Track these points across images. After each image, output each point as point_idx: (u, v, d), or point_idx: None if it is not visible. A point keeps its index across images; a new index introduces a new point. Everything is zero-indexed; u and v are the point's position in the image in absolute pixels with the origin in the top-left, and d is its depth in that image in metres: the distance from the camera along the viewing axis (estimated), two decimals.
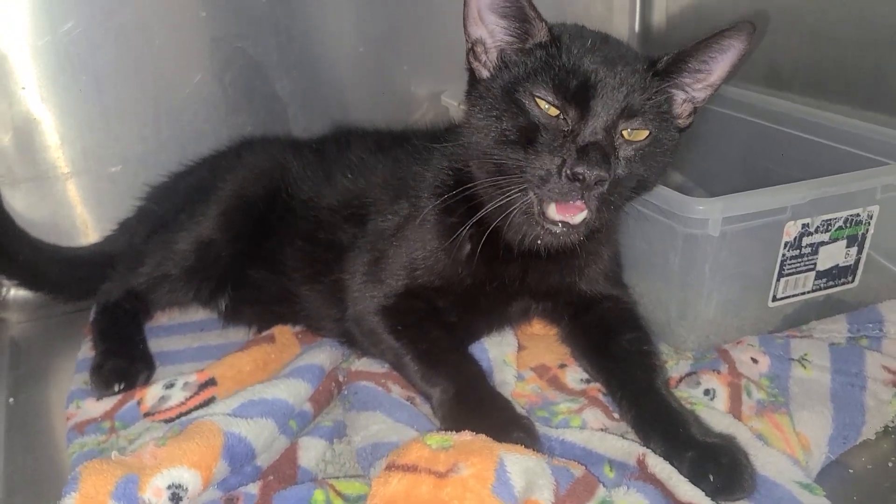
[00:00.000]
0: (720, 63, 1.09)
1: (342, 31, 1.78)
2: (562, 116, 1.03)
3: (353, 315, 1.25)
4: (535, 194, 1.03)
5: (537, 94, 1.03)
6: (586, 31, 1.13)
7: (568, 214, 1.03)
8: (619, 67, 1.04)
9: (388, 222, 1.25)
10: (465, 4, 1.08)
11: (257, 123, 1.73)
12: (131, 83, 1.63)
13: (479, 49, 1.11)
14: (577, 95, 1.02)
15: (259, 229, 1.37)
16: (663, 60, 1.08)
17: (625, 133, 1.04)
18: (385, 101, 1.86)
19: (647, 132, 1.06)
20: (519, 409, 1.10)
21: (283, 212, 1.36)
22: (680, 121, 1.14)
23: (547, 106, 1.03)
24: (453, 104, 1.72)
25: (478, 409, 1.07)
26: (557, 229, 1.04)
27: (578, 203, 1.01)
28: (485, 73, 1.11)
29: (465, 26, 1.10)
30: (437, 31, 1.82)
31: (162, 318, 1.47)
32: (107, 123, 1.63)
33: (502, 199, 1.05)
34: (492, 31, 1.09)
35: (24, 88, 1.55)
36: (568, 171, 0.98)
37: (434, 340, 1.19)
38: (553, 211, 1.03)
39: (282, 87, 1.74)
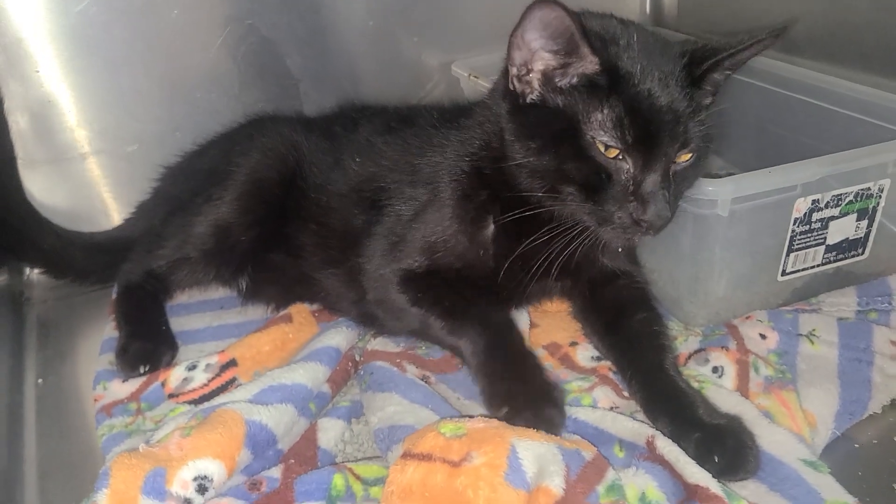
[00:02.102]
0: (747, 59, 1.12)
1: (351, 6, 1.77)
2: (621, 156, 1.04)
3: (375, 298, 1.26)
4: (594, 229, 1.07)
5: (598, 137, 1.03)
6: (622, 32, 1.10)
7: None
8: (674, 94, 1.04)
9: (405, 208, 1.25)
10: (513, 34, 1.04)
11: (270, 100, 1.74)
12: (145, 62, 1.63)
13: (522, 72, 1.08)
14: (640, 141, 1.03)
15: (275, 213, 1.38)
16: (702, 68, 1.08)
17: (675, 159, 1.06)
18: (396, 74, 1.86)
19: (693, 153, 1.08)
20: (548, 376, 1.15)
21: (298, 196, 1.37)
22: (706, 101, 1.13)
23: (606, 148, 1.04)
24: (463, 75, 1.72)
25: (512, 370, 1.12)
26: (616, 244, 1.12)
27: None
28: (529, 98, 1.09)
29: (508, 50, 1.07)
30: (446, 1, 1.81)
31: (182, 297, 1.50)
32: (122, 103, 1.64)
33: (557, 227, 1.09)
34: (535, 56, 1.06)
35: (38, 71, 1.56)
36: (635, 217, 1.03)
37: (457, 300, 1.21)
38: None
39: (293, 62, 1.74)
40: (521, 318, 1.31)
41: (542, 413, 1.04)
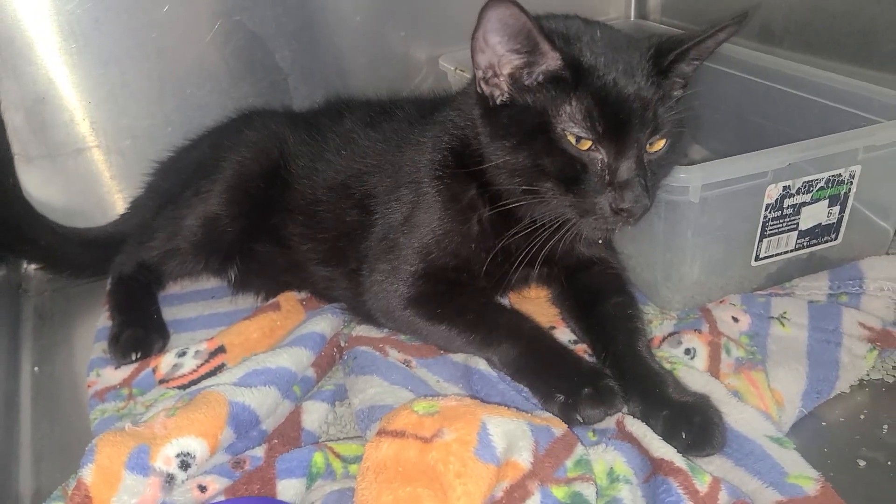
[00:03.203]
0: (713, 48, 1.15)
1: (339, 1, 1.80)
2: (594, 147, 1.06)
3: (377, 308, 1.28)
4: (575, 222, 1.10)
5: (569, 129, 1.06)
6: (586, 30, 1.13)
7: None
8: (641, 83, 1.06)
9: (392, 210, 1.27)
10: (473, 37, 1.06)
11: (259, 94, 1.77)
12: (135, 58, 1.67)
13: (489, 75, 1.10)
14: (610, 130, 1.05)
15: (261, 205, 1.41)
16: (667, 59, 1.10)
17: (648, 147, 1.09)
18: (384, 68, 1.89)
19: (665, 140, 1.11)
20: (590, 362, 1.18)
21: (284, 188, 1.40)
22: (676, 93, 1.16)
23: (578, 141, 1.06)
24: (450, 68, 1.75)
25: (553, 364, 1.14)
26: (596, 235, 1.15)
27: None
28: (499, 100, 1.11)
29: (472, 54, 1.09)
30: None
31: (174, 287, 1.54)
32: (114, 99, 1.68)
33: (538, 216, 1.13)
34: (501, 59, 1.08)
35: (31, 68, 1.59)
36: (614, 207, 1.05)
37: (478, 308, 1.24)
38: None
39: (282, 57, 1.77)
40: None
41: (600, 384, 1.08)
